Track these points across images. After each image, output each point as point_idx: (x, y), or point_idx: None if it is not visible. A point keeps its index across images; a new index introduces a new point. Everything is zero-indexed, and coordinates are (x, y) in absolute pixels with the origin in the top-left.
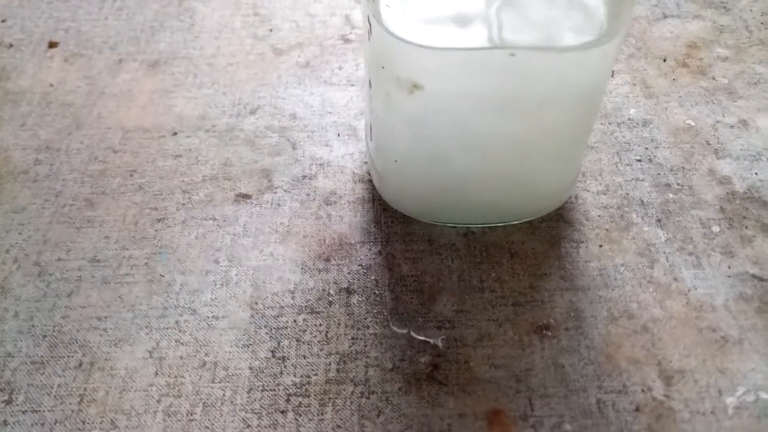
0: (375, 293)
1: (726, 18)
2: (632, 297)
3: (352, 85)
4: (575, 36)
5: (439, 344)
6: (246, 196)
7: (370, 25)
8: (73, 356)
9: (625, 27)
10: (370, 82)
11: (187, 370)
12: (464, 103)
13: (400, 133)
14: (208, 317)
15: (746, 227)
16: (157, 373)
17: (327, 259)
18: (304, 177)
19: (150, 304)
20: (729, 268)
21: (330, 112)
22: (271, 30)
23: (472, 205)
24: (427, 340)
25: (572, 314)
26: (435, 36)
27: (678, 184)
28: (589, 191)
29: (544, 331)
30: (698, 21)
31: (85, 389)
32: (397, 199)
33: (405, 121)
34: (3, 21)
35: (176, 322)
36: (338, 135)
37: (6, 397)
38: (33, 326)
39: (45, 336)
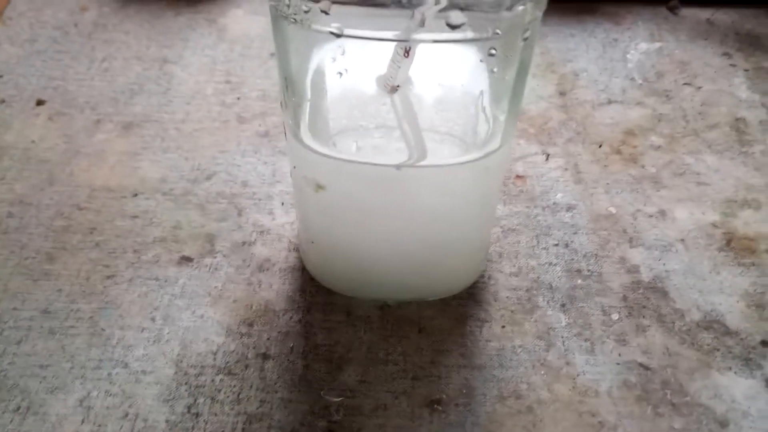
0: (288, 360)
1: (666, 107)
2: (524, 378)
3: None
4: (459, 151)
5: (338, 411)
6: (188, 259)
7: (285, 130)
8: (13, 400)
9: (507, 143)
10: (291, 173)
11: (111, 420)
12: (363, 205)
13: (313, 221)
14: (137, 371)
15: (644, 316)
16: (83, 421)
17: (251, 324)
18: (243, 243)
19: (88, 356)
20: (619, 355)
21: (279, 181)
22: (238, 98)
23: (385, 283)
24: (328, 406)
25: (464, 391)
26: (337, 145)
27: (588, 271)
28: (502, 272)
29: (435, 406)
30: (640, 108)
31: None
32: (318, 273)
33: (315, 212)
34: (0, 77)
35: (108, 374)
36: (282, 204)
37: None
38: None
39: None
